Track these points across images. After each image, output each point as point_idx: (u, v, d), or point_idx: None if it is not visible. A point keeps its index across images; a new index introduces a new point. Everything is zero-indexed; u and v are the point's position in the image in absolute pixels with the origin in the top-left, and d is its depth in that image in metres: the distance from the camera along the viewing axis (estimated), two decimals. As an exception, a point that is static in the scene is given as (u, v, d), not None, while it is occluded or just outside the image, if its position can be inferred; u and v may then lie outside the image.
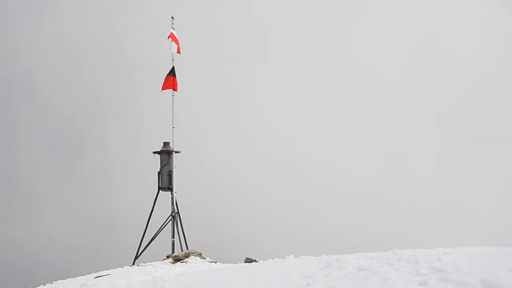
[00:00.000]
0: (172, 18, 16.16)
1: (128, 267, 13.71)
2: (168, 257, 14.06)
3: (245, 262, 12.15)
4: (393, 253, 7.48)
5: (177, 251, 14.67)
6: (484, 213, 27.08)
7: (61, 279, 12.91)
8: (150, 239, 15.18)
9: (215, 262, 13.25)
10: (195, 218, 21.52)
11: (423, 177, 28.27)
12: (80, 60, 31.04)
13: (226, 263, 12.96)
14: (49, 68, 31.04)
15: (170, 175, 15.48)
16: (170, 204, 15.38)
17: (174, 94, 15.79)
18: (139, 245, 15.18)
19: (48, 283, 12.74)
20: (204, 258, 13.45)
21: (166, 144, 15.72)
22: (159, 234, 15.19)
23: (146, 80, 28.12)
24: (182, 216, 15.42)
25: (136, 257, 15.07)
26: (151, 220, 15.25)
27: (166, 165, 15.54)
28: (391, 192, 27.43)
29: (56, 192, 28.73)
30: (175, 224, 15.12)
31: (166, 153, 15.64)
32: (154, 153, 15.73)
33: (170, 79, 15.76)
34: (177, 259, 13.28)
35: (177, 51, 15.95)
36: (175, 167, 15.58)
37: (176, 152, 15.73)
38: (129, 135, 28.92)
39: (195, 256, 13.34)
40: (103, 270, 13.17)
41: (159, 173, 15.58)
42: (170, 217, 15.19)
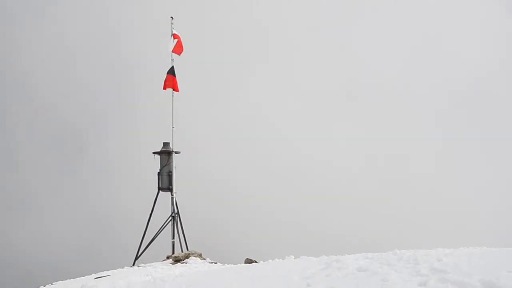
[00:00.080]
0: (172, 18, 16.09)
1: (128, 267, 13.71)
2: (168, 257, 14.04)
3: (245, 262, 12.15)
4: (393, 254, 7.48)
5: (177, 251, 14.65)
6: (484, 213, 27.07)
7: (61, 280, 12.90)
8: (150, 239, 15.15)
9: (215, 263, 13.24)
10: (195, 219, 21.51)
11: (423, 177, 28.27)
12: (80, 60, 31.08)
13: (226, 264, 12.96)
14: (49, 68, 31.07)
15: (170, 175, 15.46)
16: (170, 204, 15.37)
17: (174, 94, 15.76)
18: (139, 245, 15.16)
19: (48, 284, 12.72)
20: (204, 259, 13.44)
21: (166, 144, 15.69)
22: (159, 234, 15.17)
23: (146, 80, 28.12)
24: (182, 216, 15.40)
25: (136, 258, 15.04)
26: (151, 220, 15.23)
27: (166, 165, 15.51)
28: (391, 192, 27.42)
29: (56, 192, 28.74)
30: (175, 225, 15.10)
31: (166, 153, 15.61)
32: (154, 153, 15.70)
33: (170, 78, 15.70)
34: (177, 260, 13.27)
35: (177, 52, 15.82)
36: (175, 168, 15.57)
37: (176, 153, 15.71)
38: (129, 135, 28.92)
39: (195, 256, 13.33)
40: (103, 271, 13.16)
41: (159, 173, 15.55)
42: (170, 217, 15.17)
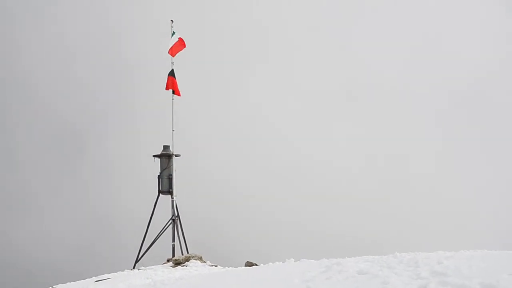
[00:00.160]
0: (172, 22, 16.05)
1: (128, 270, 13.72)
2: (168, 260, 14.04)
3: (245, 265, 12.15)
4: (393, 257, 7.48)
5: (178, 254, 14.64)
6: (484, 213, 27.08)
7: (61, 283, 12.90)
8: (151, 243, 15.14)
9: (216, 266, 13.24)
10: (195, 219, 21.51)
11: (423, 177, 28.27)
12: (80, 60, 31.04)
13: (227, 267, 12.97)
14: (49, 68, 31.04)
15: (170, 178, 15.41)
16: (170, 207, 15.35)
17: (174, 98, 15.74)
18: (139, 248, 15.14)
19: (49, 286, 12.74)
20: (205, 262, 13.43)
21: (166, 147, 15.65)
22: (160, 237, 15.16)
23: (146, 80, 28.12)
24: (182, 218, 15.39)
25: (137, 261, 15.04)
26: (151, 223, 15.23)
27: (166, 168, 15.47)
28: (391, 192, 27.42)
29: (56, 192, 28.73)
30: (175, 228, 15.09)
31: (166, 156, 15.58)
32: (154, 156, 15.66)
33: (171, 80, 15.66)
34: (177, 263, 13.26)
35: (172, 53, 15.71)
36: (175, 171, 15.53)
37: (176, 156, 15.68)
38: (129, 135, 28.89)
39: (196, 259, 13.32)
40: (103, 273, 13.18)
41: (159, 176, 15.50)
42: (170, 220, 15.16)
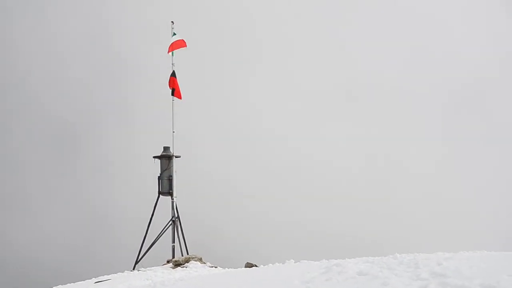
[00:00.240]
0: (172, 23, 16.04)
1: (128, 272, 13.74)
2: (168, 262, 14.03)
3: (245, 267, 12.14)
4: (393, 258, 7.46)
5: (177, 256, 14.62)
6: (484, 214, 27.06)
7: (61, 284, 12.91)
8: (151, 244, 15.14)
9: (216, 267, 13.24)
10: (195, 223, 21.47)
11: (423, 177, 28.25)
12: (79, 61, 30.99)
13: (227, 268, 12.95)
14: (48, 68, 31.01)
15: (170, 180, 15.38)
16: (170, 208, 15.34)
17: (174, 99, 15.74)
18: (139, 250, 15.13)
19: (48, 288, 12.75)
20: (205, 263, 13.42)
21: (166, 148, 15.64)
22: (159, 239, 15.16)
23: (146, 81, 28.10)
24: (182, 219, 15.37)
25: (137, 262, 15.03)
26: (151, 224, 15.22)
27: (166, 169, 15.46)
28: (391, 192, 27.41)
29: (56, 193, 28.68)
30: (175, 229, 15.08)
31: (166, 157, 15.58)
32: (154, 157, 15.66)
33: (173, 81, 15.64)
34: (177, 264, 13.25)
35: (169, 49, 15.72)
36: (175, 172, 15.53)
37: (176, 157, 15.67)
38: (129, 136, 28.84)
39: (196, 261, 13.31)
40: (103, 274, 13.18)
41: (159, 178, 15.50)
42: (170, 222, 15.15)
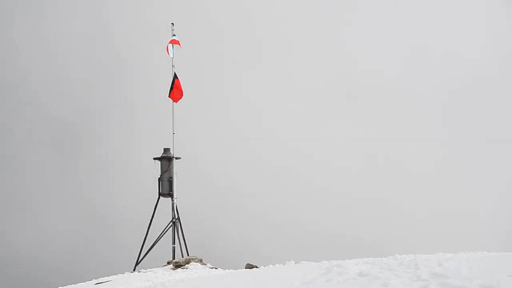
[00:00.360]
0: (173, 25, 16.07)
1: (128, 273, 13.74)
2: (168, 263, 14.03)
3: (246, 268, 12.14)
4: (393, 259, 7.46)
5: (178, 257, 14.64)
6: (484, 214, 27.03)
7: (61, 285, 12.92)
8: (151, 245, 15.16)
9: (216, 268, 13.24)
10: (196, 224, 21.46)
11: (423, 177, 28.23)
12: (79, 61, 30.97)
13: (227, 269, 12.95)
14: (48, 68, 30.98)
15: (171, 181, 15.41)
16: (170, 210, 15.36)
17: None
18: (139, 251, 15.16)
19: (48, 289, 12.75)
20: (205, 264, 13.43)
21: (166, 150, 15.66)
22: (160, 240, 15.18)
23: (146, 82, 28.09)
24: (182, 220, 15.40)
25: (137, 263, 15.05)
26: (151, 226, 15.23)
27: (166, 171, 15.49)
28: (391, 192, 27.39)
29: (56, 193, 28.65)
30: (175, 230, 15.09)
31: (166, 159, 15.59)
32: (155, 159, 15.68)
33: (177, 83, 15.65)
34: (177, 265, 13.26)
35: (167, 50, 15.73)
36: (176, 173, 15.53)
37: (177, 158, 15.68)
38: (129, 136, 28.82)
39: (196, 262, 13.31)
40: (103, 276, 13.18)
41: (159, 179, 15.52)
42: (171, 223, 15.17)
